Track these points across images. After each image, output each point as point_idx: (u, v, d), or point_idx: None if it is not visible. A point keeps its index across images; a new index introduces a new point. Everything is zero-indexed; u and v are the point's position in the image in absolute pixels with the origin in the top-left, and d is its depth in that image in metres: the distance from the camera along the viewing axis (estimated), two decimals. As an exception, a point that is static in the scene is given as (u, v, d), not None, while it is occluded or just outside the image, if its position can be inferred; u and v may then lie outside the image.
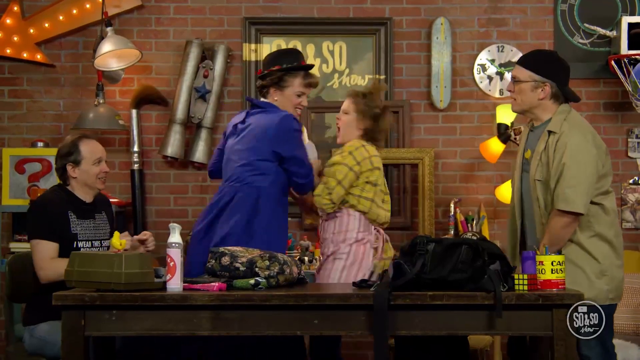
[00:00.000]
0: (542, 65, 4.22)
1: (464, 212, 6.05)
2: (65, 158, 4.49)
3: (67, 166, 4.48)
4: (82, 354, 3.58)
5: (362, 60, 6.22)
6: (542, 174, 4.14)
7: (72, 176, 4.49)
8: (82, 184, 4.50)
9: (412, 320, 3.60)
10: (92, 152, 4.51)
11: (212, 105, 6.10)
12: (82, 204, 4.51)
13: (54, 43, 6.21)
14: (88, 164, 4.48)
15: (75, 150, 4.48)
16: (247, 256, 3.85)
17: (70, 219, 4.42)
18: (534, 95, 4.21)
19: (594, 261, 4.12)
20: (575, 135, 4.11)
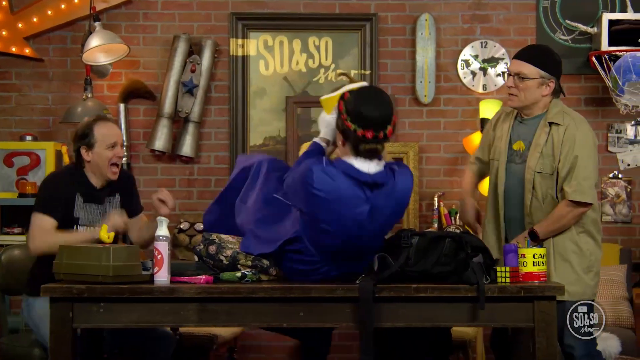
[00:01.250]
0: (547, 62, 4.19)
1: (447, 205, 6.11)
2: (80, 140, 4.35)
3: (80, 149, 4.34)
4: (69, 346, 3.61)
5: (347, 56, 6.27)
6: (543, 166, 4.12)
7: (86, 160, 4.34)
8: (95, 168, 4.36)
9: (396, 312, 3.63)
10: (107, 135, 4.34)
11: (200, 99, 6.14)
12: (93, 188, 4.38)
13: (43, 37, 6.23)
14: (101, 147, 4.31)
15: (90, 132, 4.33)
16: (233, 250, 3.89)
17: (76, 202, 4.32)
18: (539, 92, 4.16)
19: (583, 256, 4.15)
20: (582, 127, 4.14)
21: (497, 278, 3.68)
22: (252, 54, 6.24)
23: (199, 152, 6.21)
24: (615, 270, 5.74)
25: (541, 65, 4.16)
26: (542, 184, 4.14)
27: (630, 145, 6.24)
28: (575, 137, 4.08)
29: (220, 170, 6.23)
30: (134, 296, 3.60)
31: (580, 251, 4.15)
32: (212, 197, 6.15)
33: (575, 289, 4.05)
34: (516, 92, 4.19)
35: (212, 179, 6.23)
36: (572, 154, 4.07)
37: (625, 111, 5.86)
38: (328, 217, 3.64)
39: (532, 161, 4.15)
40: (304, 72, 6.27)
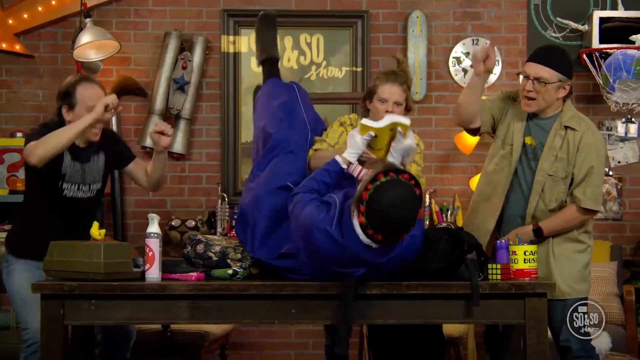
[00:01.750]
0: (565, 64, 4.11)
1: (439, 202, 6.12)
2: (61, 99, 4.21)
3: (62, 108, 4.21)
4: (61, 343, 3.61)
5: (339, 53, 6.27)
6: (557, 170, 4.07)
7: (67, 119, 4.19)
8: None
9: (387, 309, 3.65)
10: (89, 97, 4.17)
11: (191, 96, 6.13)
12: (77, 147, 4.22)
13: (33, 34, 6.22)
14: (82, 109, 4.15)
15: (72, 92, 4.19)
16: (221, 245, 3.89)
17: (65, 158, 4.17)
18: (556, 95, 4.09)
19: (585, 254, 4.16)
20: (598, 136, 4.14)
21: (488, 275, 3.69)
22: (243, 51, 6.23)
23: (190, 149, 6.20)
24: (605, 267, 5.77)
25: (560, 69, 4.08)
26: (552, 187, 4.09)
27: (621, 142, 6.25)
28: (592, 146, 4.06)
29: (211, 167, 6.23)
30: (125, 293, 3.60)
31: (582, 249, 4.15)
32: (203, 193, 6.18)
33: (581, 286, 4.06)
34: (535, 95, 4.08)
35: (203, 175, 6.22)
36: (588, 163, 4.05)
37: (616, 109, 5.87)
38: (324, 266, 3.61)
39: (546, 164, 4.08)
40: (295, 69, 6.27)
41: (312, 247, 3.57)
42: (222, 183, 6.12)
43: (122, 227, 6.09)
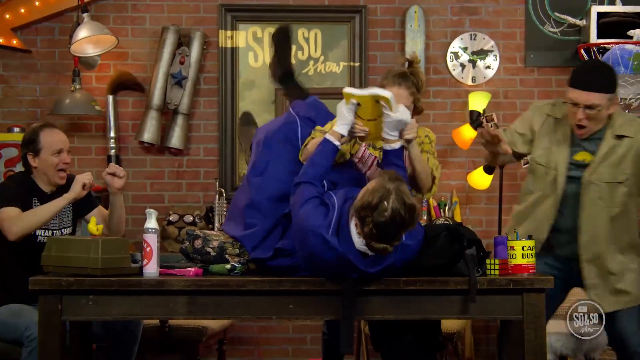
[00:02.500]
0: (611, 82, 4.00)
1: (436, 197, 6.12)
2: (26, 146, 4.41)
3: (27, 155, 4.40)
4: (58, 339, 3.61)
5: (337, 48, 6.26)
6: (614, 177, 4.00)
7: (33, 165, 4.40)
8: (42, 174, 4.40)
9: (385, 305, 3.66)
10: (53, 142, 4.40)
11: (188, 91, 6.12)
12: (44, 194, 4.41)
13: (30, 29, 6.20)
14: (47, 154, 4.37)
15: (36, 138, 4.39)
16: (219, 240, 3.89)
17: (34, 207, 4.34)
18: (608, 112, 3.99)
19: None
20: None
21: (487, 270, 3.70)
22: (241, 46, 6.23)
23: (188, 144, 6.19)
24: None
25: (607, 89, 3.96)
26: (609, 193, 4.01)
27: (619, 137, 6.25)
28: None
29: (209, 162, 6.22)
30: (123, 288, 3.60)
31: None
32: (201, 189, 6.17)
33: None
34: (587, 122, 3.97)
35: (201, 170, 6.22)
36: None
37: (613, 104, 5.87)
38: (317, 268, 3.62)
39: (606, 174, 4.01)
40: (293, 64, 6.24)
41: (307, 249, 3.58)
42: (220, 178, 6.12)
43: (119, 222, 6.08)
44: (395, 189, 3.41)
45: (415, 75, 4.06)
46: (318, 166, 3.74)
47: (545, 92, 6.26)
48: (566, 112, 4.07)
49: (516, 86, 6.28)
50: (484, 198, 6.22)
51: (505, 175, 6.02)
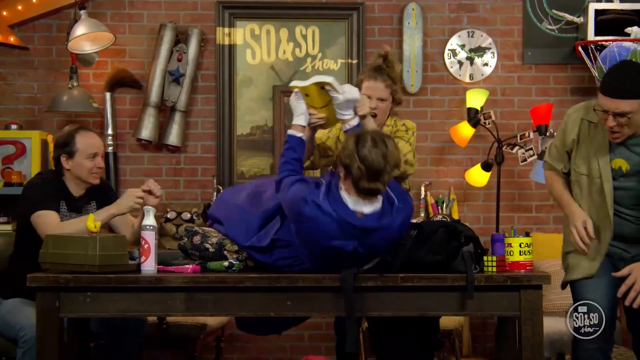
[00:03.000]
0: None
1: (434, 195, 6.13)
2: (60, 148, 4.38)
3: (61, 157, 4.37)
4: (56, 336, 3.62)
5: (334, 45, 6.26)
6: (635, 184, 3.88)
7: (66, 168, 4.38)
8: (74, 177, 4.40)
9: (383, 302, 3.66)
10: (88, 145, 4.38)
11: (186, 88, 6.12)
12: (73, 198, 4.41)
13: (28, 26, 6.19)
14: (82, 157, 4.35)
15: (71, 141, 4.37)
16: (218, 237, 3.89)
17: (61, 210, 4.35)
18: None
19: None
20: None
21: (484, 267, 3.70)
22: (238, 43, 6.22)
23: (185, 141, 6.19)
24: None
25: (637, 95, 3.75)
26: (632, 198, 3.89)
27: (616, 134, 6.25)
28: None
29: (207, 159, 6.22)
30: (120, 285, 3.61)
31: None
32: (199, 186, 6.17)
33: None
34: (619, 129, 3.81)
35: (199, 168, 6.22)
36: None
37: (611, 101, 5.86)
38: (317, 244, 3.64)
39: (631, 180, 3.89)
40: (290, 61, 6.26)
41: (302, 223, 3.61)
42: (218, 175, 6.12)
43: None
44: (367, 132, 3.72)
45: (390, 68, 4.32)
46: (291, 161, 3.91)
47: (543, 89, 6.26)
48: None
49: (514, 83, 6.28)
50: (482, 195, 6.22)
51: (503, 173, 6.03)
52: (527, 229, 5.88)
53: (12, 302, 4.32)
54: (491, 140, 6.00)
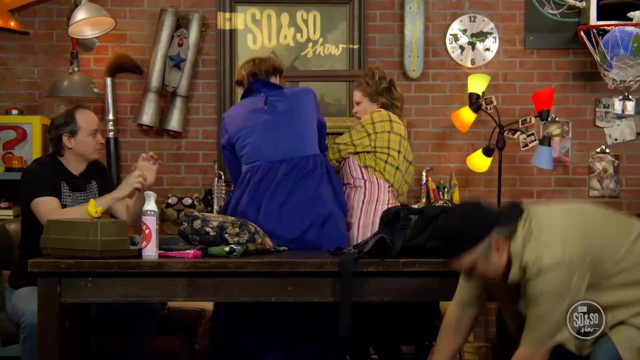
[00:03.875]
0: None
1: (435, 180, 6.13)
2: (61, 128, 4.43)
3: (63, 137, 4.43)
4: (57, 321, 3.62)
5: (335, 30, 6.24)
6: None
7: (68, 147, 4.44)
8: (77, 155, 4.45)
9: (384, 287, 3.67)
10: (89, 122, 4.48)
11: (187, 73, 6.11)
12: (72, 176, 4.46)
13: (28, 10, 6.17)
14: (84, 134, 4.44)
15: (71, 120, 4.43)
16: (218, 220, 3.89)
17: (62, 190, 4.40)
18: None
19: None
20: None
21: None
22: (239, 28, 6.20)
23: (186, 126, 6.18)
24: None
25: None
26: None
27: (618, 120, 6.25)
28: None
29: (208, 144, 6.21)
30: (122, 271, 3.61)
31: None
32: (200, 171, 6.17)
33: None
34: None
35: (200, 153, 6.21)
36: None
37: (613, 86, 5.86)
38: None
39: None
40: (292, 46, 6.24)
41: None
42: (219, 161, 6.10)
43: (118, 204, 6.08)
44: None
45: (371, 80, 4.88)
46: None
47: (545, 74, 6.25)
48: None
49: (515, 68, 6.26)
50: (483, 181, 6.22)
51: (505, 158, 6.02)
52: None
53: (22, 291, 4.35)
54: (493, 126, 5.99)
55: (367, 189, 4.59)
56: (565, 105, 6.23)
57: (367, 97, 4.86)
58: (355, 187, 4.61)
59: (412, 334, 4.56)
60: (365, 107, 4.87)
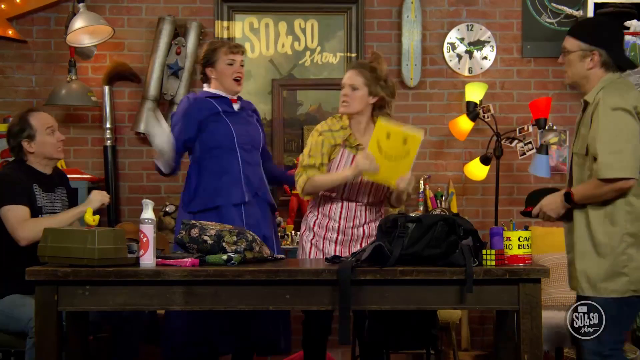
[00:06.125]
0: (589, 32, 3.90)
1: (433, 188, 6.13)
2: (18, 135, 4.48)
3: (22, 143, 4.47)
4: (55, 329, 3.62)
5: (333, 38, 6.25)
6: (579, 147, 3.86)
7: (30, 151, 4.48)
8: (41, 157, 4.50)
9: (382, 295, 3.66)
10: (43, 122, 4.51)
11: (185, 82, 6.11)
12: (44, 176, 4.51)
13: (26, 19, 6.18)
14: (42, 135, 4.48)
15: (26, 124, 4.48)
16: (216, 229, 3.89)
17: (36, 192, 4.43)
18: (582, 66, 3.88)
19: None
20: (608, 102, 3.76)
21: (483, 261, 3.70)
22: (237, 37, 6.21)
23: (184, 134, 6.17)
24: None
25: (581, 37, 3.89)
26: (580, 166, 3.87)
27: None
28: (600, 113, 3.75)
29: (206, 153, 6.20)
30: (119, 279, 3.60)
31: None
32: (197, 179, 6.14)
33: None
34: (565, 68, 3.98)
35: (198, 161, 6.20)
36: (595, 130, 3.75)
37: (610, 94, 5.86)
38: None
39: (575, 144, 3.93)
40: (289, 54, 6.25)
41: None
42: (216, 169, 6.11)
43: (116, 213, 6.08)
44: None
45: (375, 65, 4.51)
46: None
47: (542, 82, 6.26)
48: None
49: (513, 77, 6.28)
50: (481, 189, 6.22)
51: (502, 166, 6.03)
52: (526, 222, 5.87)
53: (11, 298, 4.34)
54: (490, 134, 6.00)
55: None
56: (562, 114, 6.23)
57: (368, 87, 4.42)
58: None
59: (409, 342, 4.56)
60: (361, 97, 4.42)
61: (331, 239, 4.44)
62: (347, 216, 4.43)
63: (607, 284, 3.74)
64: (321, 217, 4.48)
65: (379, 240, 3.73)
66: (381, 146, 4.18)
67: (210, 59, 4.69)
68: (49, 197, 4.50)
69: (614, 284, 3.74)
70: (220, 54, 4.66)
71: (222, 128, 4.61)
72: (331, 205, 4.45)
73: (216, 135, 4.60)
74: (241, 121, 4.70)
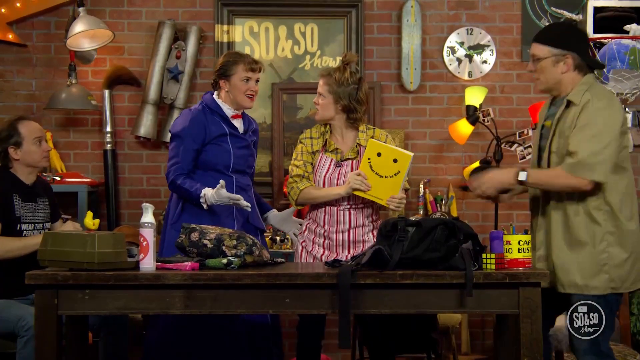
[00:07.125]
0: (559, 38, 3.98)
1: (433, 192, 6.13)
2: (5, 141, 4.50)
3: (8, 149, 4.49)
4: (54, 333, 3.61)
5: (333, 42, 6.26)
6: (559, 146, 3.89)
7: (15, 158, 4.50)
8: (25, 166, 4.52)
9: (382, 299, 3.66)
10: (32, 131, 4.53)
11: (185, 86, 6.12)
12: (25, 187, 4.52)
13: (26, 23, 6.19)
14: (29, 144, 4.50)
15: (14, 132, 4.50)
16: (216, 232, 3.89)
17: (15, 202, 4.44)
18: (556, 70, 3.94)
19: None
20: (601, 102, 3.81)
21: (483, 265, 3.70)
22: (237, 40, 6.22)
23: (184, 138, 6.18)
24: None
25: (551, 43, 3.96)
26: (556, 164, 3.91)
27: (615, 132, 6.25)
28: (590, 111, 3.80)
29: (206, 156, 6.21)
30: (119, 283, 3.60)
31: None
32: (197, 183, 6.15)
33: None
34: (537, 75, 4.03)
35: (198, 165, 6.20)
36: (581, 124, 3.80)
37: (610, 98, 5.86)
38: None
39: (553, 142, 3.94)
40: (289, 58, 6.26)
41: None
42: (216, 173, 6.11)
43: (116, 216, 6.08)
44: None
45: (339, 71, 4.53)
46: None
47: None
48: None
49: (513, 81, 6.28)
50: (481, 193, 6.21)
51: (502, 170, 6.03)
52: (526, 226, 5.84)
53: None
54: (490, 138, 6.00)
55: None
56: (562, 118, 6.23)
57: (332, 94, 4.46)
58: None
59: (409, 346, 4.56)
60: (326, 105, 4.49)
61: (319, 243, 4.50)
62: (329, 221, 4.46)
63: (588, 281, 3.80)
64: (311, 221, 4.55)
65: (378, 244, 3.73)
66: (372, 164, 4.31)
67: (226, 71, 4.61)
68: (28, 207, 4.51)
69: (594, 281, 3.79)
70: (239, 69, 4.59)
71: (222, 151, 4.61)
72: (317, 210, 4.52)
73: (216, 157, 4.61)
74: (242, 144, 4.69)
